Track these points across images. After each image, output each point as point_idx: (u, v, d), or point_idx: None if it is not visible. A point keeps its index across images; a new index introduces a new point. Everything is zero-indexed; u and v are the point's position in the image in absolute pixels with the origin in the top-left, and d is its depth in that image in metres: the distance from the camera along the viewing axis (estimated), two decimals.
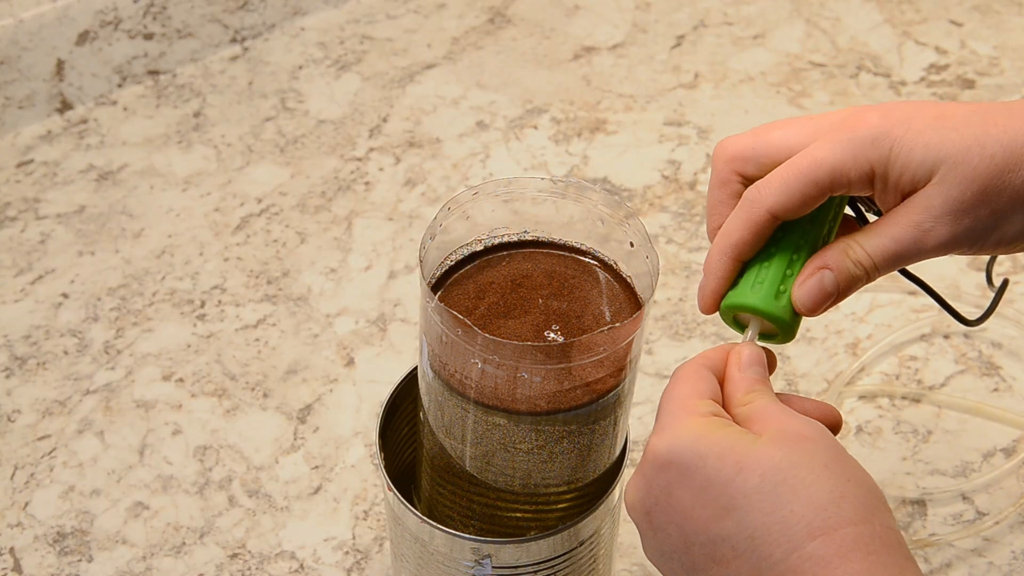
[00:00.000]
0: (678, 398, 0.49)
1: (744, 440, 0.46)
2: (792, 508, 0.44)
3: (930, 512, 0.72)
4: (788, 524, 0.43)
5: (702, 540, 0.45)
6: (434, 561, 0.57)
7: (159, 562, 0.72)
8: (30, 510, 0.75)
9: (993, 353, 0.81)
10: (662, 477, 0.47)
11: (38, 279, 0.89)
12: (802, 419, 0.48)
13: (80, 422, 0.79)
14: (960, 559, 0.70)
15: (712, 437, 0.46)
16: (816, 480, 0.44)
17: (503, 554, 0.55)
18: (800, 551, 0.43)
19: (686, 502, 0.46)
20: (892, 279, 0.87)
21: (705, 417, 0.47)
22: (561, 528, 0.55)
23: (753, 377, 0.50)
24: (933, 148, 0.49)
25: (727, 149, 0.53)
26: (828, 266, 0.51)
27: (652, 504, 0.47)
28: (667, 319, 0.84)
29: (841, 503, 0.44)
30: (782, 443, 0.45)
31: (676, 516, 0.46)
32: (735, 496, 0.44)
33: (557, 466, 0.53)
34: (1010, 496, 0.73)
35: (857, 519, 0.43)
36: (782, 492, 0.44)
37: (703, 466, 0.45)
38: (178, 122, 1.02)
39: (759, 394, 0.50)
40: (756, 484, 0.44)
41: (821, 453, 0.45)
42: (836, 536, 0.43)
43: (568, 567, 0.57)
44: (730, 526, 0.44)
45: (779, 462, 0.45)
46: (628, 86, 1.03)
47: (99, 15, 1.01)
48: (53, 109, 1.03)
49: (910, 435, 0.77)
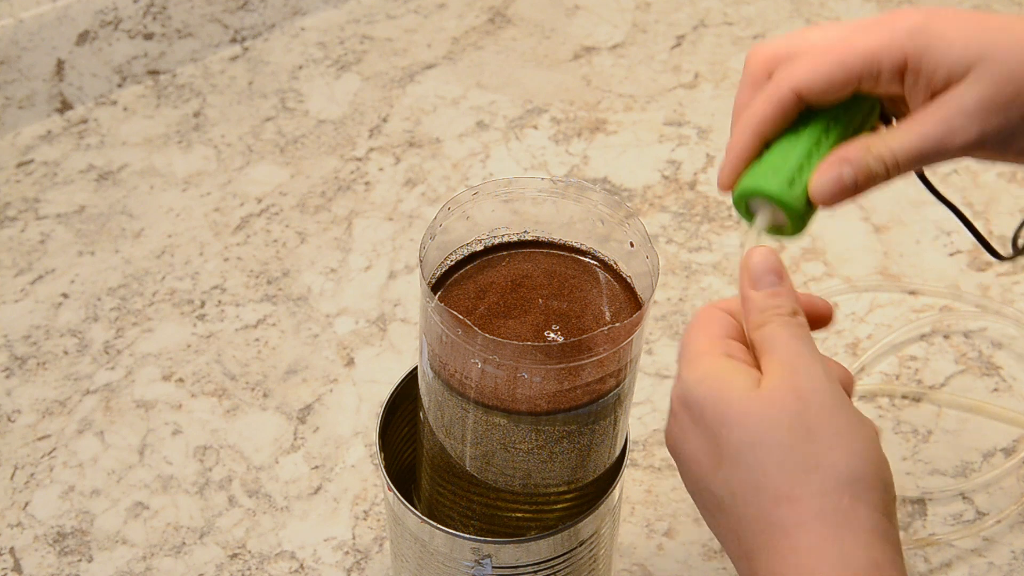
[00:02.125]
0: (690, 342, 0.48)
1: (736, 389, 0.44)
2: (765, 471, 0.43)
3: (930, 512, 0.72)
4: (760, 487, 0.43)
5: (702, 487, 0.45)
6: (434, 561, 0.57)
7: (159, 562, 0.72)
8: (30, 510, 0.75)
9: (993, 353, 0.81)
10: (681, 417, 0.46)
11: (38, 279, 0.89)
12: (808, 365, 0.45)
13: (80, 422, 0.79)
14: (960, 559, 0.70)
15: (709, 383, 0.45)
16: (794, 445, 0.43)
17: (503, 554, 0.55)
18: (768, 517, 0.42)
19: (694, 446, 0.45)
20: (893, 279, 0.87)
21: (714, 357, 0.46)
22: (561, 528, 0.55)
23: (766, 293, 0.48)
24: (972, 45, 0.48)
25: (761, 50, 0.52)
26: (848, 159, 0.49)
27: (673, 442, 0.47)
28: (667, 319, 0.84)
29: (812, 472, 0.42)
30: (772, 397, 0.44)
31: (689, 458, 0.46)
32: (723, 449, 0.44)
33: (557, 466, 0.53)
34: (1010, 496, 0.73)
35: (826, 490, 0.42)
36: (759, 453, 0.43)
37: (703, 413, 0.45)
38: (178, 122, 1.02)
39: (772, 314, 0.47)
40: (737, 441, 0.43)
41: (810, 414, 0.43)
42: (799, 506, 0.42)
43: (568, 567, 0.57)
44: (720, 479, 0.44)
45: (761, 420, 0.43)
46: (628, 86, 1.03)
47: (99, 15, 1.01)
48: (53, 109, 1.03)
49: (910, 435, 0.77)
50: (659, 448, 0.76)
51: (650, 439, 0.77)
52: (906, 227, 0.91)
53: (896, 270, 0.88)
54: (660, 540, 0.72)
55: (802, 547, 0.42)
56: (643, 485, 0.74)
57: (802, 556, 0.42)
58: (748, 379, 0.45)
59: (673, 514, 0.73)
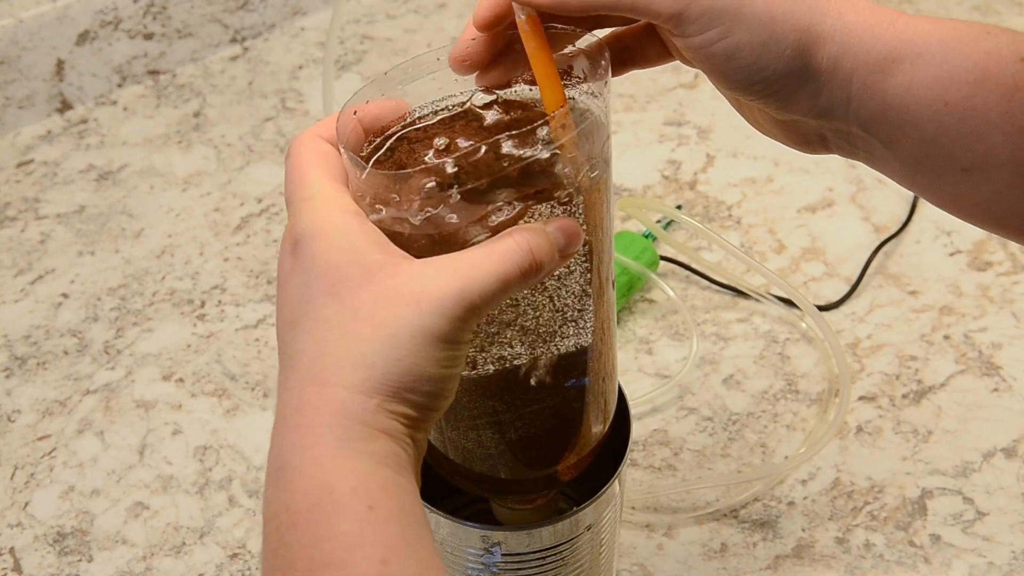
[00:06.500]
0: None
1: (288, 234, 0.42)
2: (292, 338, 0.41)
3: (930, 512, 0.72)
4: (284, 359, 0.42)
5: (282, 339, 0.43)
6: (442, 551, 0.57)
7: (159, 562, 0.72)
8: (30, 510, 0.75)
9: (993, 353, 0.81)
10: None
11: (38, 279, 0.89)
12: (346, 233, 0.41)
13: (80, 422, 0.79)
14: (960, 559, 0.70)
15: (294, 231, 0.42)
16: (317, 324, 0.40)
17: (511, 541, 0.55)
18: (282, 390, 0.41)
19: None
20: (893, 280, 0.87)
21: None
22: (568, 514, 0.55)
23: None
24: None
25: None
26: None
27: (280, 282, 0.44)
28: (667, 319, 0.84)
29: (316, 361, 0.40)
30: (313, 270, 0.41)
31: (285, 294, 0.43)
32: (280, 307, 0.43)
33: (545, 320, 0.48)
34: (1010, 496, 0.73)
35: (323, 380, 0.40)
36: (297, 321, 0.41)
37: None
38: (178, 122, 1.02)
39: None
40: (279, 306, 0.42)
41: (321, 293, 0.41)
42: (293, 387, 0.40)
43: (573, 554, 0.57)
44: (283, 336, 0.42)
45: (303, 290, 0.41)
46: (628, 86, 1.03)
47: (99, 15, 1.01)
48: (53, 109, 1.03)
49: (910, 435, 0.77)
50: (659, 448, 0.76)
51: (650, 439, 0.77)
52: (906, 227, 0.91)
53: (896, 270, 0.88)
54: (660, 540, 0.72)
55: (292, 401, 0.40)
56: (643, 485, 0.74)
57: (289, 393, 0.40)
58: (299, 219, 0.42)
59: (673, 514, 0.73)
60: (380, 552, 0.37)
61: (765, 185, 0.95)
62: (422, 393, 0.40)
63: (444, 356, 0.40)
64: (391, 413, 0.40)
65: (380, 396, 0.39)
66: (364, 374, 0.39)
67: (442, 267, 0.41)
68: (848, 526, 0.71)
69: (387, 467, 0.39)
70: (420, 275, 0.40)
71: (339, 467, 0.39)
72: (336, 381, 0.39)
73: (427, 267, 0.41)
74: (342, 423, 0.39)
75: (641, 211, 0.83)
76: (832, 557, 0.70)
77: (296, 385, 0.40)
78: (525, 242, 0.42)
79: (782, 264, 0.88)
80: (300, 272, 0.41)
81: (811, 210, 0.93)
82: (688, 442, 0.76)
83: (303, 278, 0.41)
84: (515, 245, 0.41)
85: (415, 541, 0.39)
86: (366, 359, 0.39)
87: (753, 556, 0.70)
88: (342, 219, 0.42)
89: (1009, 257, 0.88)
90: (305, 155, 0.44)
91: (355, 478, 0.38)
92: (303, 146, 0.45)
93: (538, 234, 0.42)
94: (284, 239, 0.43)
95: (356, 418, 0.39)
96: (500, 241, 0.42)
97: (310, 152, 0.44)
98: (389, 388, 0.40)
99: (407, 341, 0.39)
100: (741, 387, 0.79)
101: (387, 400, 0.40)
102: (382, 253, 0.41)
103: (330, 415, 0.39)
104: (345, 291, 0.40)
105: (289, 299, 0.42)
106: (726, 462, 0.75)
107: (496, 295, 0.41)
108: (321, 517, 0.38)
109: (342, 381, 0.39)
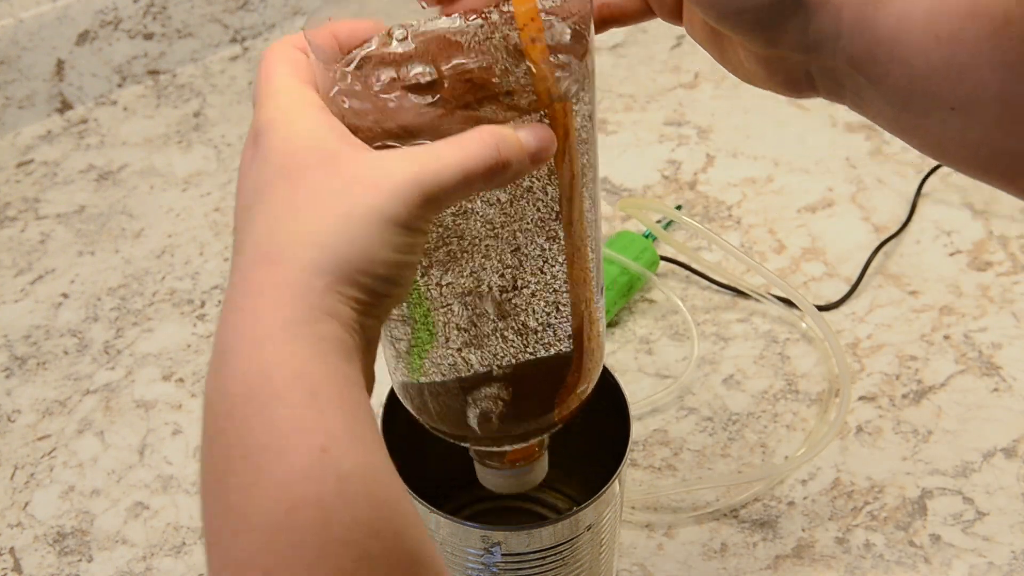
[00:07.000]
0: None
1: (251, 129, 0.42)
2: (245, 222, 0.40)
3: (930, 512, 0.72)
4: (236, 244, 0.41)
5: (236, 226, 0.42)
6: (442, 551, 0.57)
7: (159, 562, 0.72)
8: (30, 510, 0.75)
9: (993, 353, 0.81)
10: None
11: (38, 279, 0.89)
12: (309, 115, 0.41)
13: (80, 422, 0.79)
14: (960, 559, 0.70)
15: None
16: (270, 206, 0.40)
17: (511, 541, 0.55)
18: (231, 274, 0.40)
19: None
20: (893, 280, 0.87)
21: None
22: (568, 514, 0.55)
23: None
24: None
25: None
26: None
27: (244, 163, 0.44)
28: (667, 319, 0.84)
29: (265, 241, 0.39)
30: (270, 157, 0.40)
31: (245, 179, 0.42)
32: None
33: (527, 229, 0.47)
34: (1010, 496, 0.73)
35: (271, 258, 0.39)
36: (251, 205, 0.40)
37: None
38: (178, 122, 1.02)
39: None
40: (237, 196, 0.41)
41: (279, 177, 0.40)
42: (241, 269, 0.40)
43: (573, 554, 0.57)
44: (237, 223, 0.42)
45: (259, 175, 0.40)
46: (628, 86, 1.03)
47: (99, 15, 1.01)
48: (53, 109, 1.03)
49: (910, 435, 0.77)
50: (659, 448, 0.76)
51: (650, 439, 0.77)
52: (906, 227, 0.91)
53: (896, 270, 0.88)
54: (660, 540, 0.72)
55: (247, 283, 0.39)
56: (643, 485, 0.74)
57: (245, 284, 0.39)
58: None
59: (673, 514, 0.73)
60: (320, 440, 0.36)
61: (765, 185, 0.95)
62: (375, 277, 0.39)
63: (399, 241, 0.39)
64: (341, 296, 0.38)
65: (330, 276, 0.38)
66: (314, 253, 0.38)
67: (402, 154, 0.40)
68: (848, 526, 0.71)
69: (331, 353, 0.38)
70: (378, 161, 0.39)
71: (280, 351, 0.37)
72: (285, 260, 0.38)
73: (386, 154, 0.40)
74: (287, 303, 0.37)
75: (641, 211, 0.83)
76: (832, 557, 0.70)
77: (244, 267, 0.39)
78: (491, 138, 0.40)
79: (782, 264, 0.88)
80: (259, 160, 0.41)
81: (811, 210, 0.93)
82: (688, 442, 0.76)
83: (260, 165, 0.40)
84: (480, 139, 0.40)
85: (359, 431, 0.37)
86: (317, 238, 0.38)
87: (753, 556, 0.70)
88: (304, 110, 0.41)
89: (1009, 257, 0.88)
90: (275, 59, 0.43)
91: (297, 363, 0.37)
92: (273, 51, 0.44)
93: (506, 133, 0.41)
94: (248, 135, 0.42)
95: (302, 298, 0.38)
96: (465, 135, 0.40)
97: (280, 56, 0.44)
98: (340, 269, 0.38)
99: (360, 222, 0.38)
100: (741, 387, 0.79)
101: (337, 281, 0.38)
102: (341, 142, 0.40)
103: (275, 295, 0.38)
104: (300, 175, 0.39)
105: (245, 187, 0.41)
106: (726, 462, 0.75)
107: (457, 187, 0.39)
108: (259, 403, 0.36)
109: (291, 260, 0.38)
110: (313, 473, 0.35)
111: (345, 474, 0.35)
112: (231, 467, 0.36)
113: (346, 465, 0.36)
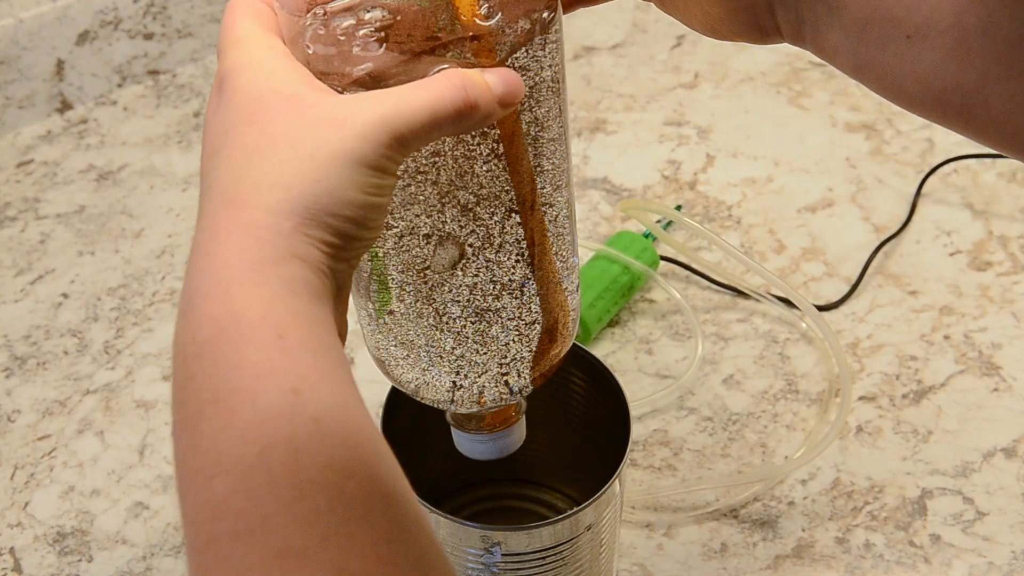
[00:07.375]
0: None
1: (216, 77, 0.42)
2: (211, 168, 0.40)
3: (930, 512, 0.72)
4: (203, 190, 0.41)
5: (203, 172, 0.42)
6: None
7: (159, 562, 0.72)
8: (30, 510, 0.75)
9: (993, 353, 0.81)
10: None
11: (38, 279, 0.89)
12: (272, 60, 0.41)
13: (80, 422, 0.79)
14: (960, 559, 0.70)
15: None
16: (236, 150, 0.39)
17: (511, 541, 0.55)
18: (198, 219, 0.40)
19: None
20: (893, 280, 0.87)
21: None
22: (568, 514, 0.55)
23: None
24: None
25: None
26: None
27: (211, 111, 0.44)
28: (667, 319, 0.84)
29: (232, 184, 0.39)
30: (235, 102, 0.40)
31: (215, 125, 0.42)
32: None
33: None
34: (1010, 496, 0.73)
35: (237, 201, 0.38)
36: (217, 151, 0.40)
37: None
38: (178, 122, 1.02)
39: None
40: (203, 143, 0.41)
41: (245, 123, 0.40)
42: (208, 213, 0.39)
43: (573, 554, 0.57)
44: (203, 169, 0.41)
45: (224, 120, 0.40)
46: (628, 86, 1.03)
47: (99, 15, 1.01)
48: (53, 109, 1.03)
49: (910, 435, 0.77)
50: (659, 448, 0.76)
51: (650, 439, 0.77)
52: (906, 227, 0.91)
53: (896, 270, 0.88)
54: (660, 540, 0.72)
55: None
56: (643, 485, 0.74)
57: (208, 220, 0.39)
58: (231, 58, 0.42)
59: (673, 514, 0.73)
60: (291, 381, 0.35)
61: (765, 185, 0.95)
62: (343, 218, 0.38)
63: (367, 182, 0.38)
64: (309, 238, 0.38)
65: (297, 218, 0.38)
66: (281, 195, 0.38)
67: (370, 96, 0.39)
68: (848, 526, 0.71)
69: (300, 295, 0.37)
70: (344, 103, 0.39)
71: (248, 293, 0.37)
72: (251, 203, 0.38)
73: (353, 96, 0.40)
74: (254, 245, 0.37)
75: (641, 211, 0.83)
76: (832, 557, 0.70)
77: (211, 211, 0.39)
78: (459, 80, 0.40)
79: (782, 264, 0.88)
80: (223, 106, 0.40)
81: (811, 210, 0.93)
82: (688, 442, 0.76)
83: (225, 110, 0.40)
84: (447, 81, 0.40)
85: (329, 372, 0.36)
86: (283, 179, 0.38)
87: (753, 556, 0.70)
88: (269, 56, 0.41)
89: (1009, 257, 0.88)
90: (238, 9, 0.43)
91: (265, 305, 0.36)
92: (237, 2, 0.44)
93: (474, 75, 0.41)
94: (214, 83, 0.42)
95: (269, 241, 0.37)
96: (433, 78, 0.40)
97: (244, 5, 0.44)
98: (307, 210, 0.38)
99: (326, 162, 0.38)
100: (741, 387, 0.79)
101: (304, 223, 0.38)
102: (307, 85, 0.40)
103: (242, 238, 0.37)
104: (265, 118, 0.39)
105: (211, 133, 0.40)
106: (726, 462, 0.75)
107: (426, 128, 0.39)
108: (228, 345, 0.36)
109: (257, 203, 0.38)
110: (284, 414, 0.35)
111: (316, 415, 0.35)
112: (202, 411, 0.37)
113: (318, 406, 0.35)
